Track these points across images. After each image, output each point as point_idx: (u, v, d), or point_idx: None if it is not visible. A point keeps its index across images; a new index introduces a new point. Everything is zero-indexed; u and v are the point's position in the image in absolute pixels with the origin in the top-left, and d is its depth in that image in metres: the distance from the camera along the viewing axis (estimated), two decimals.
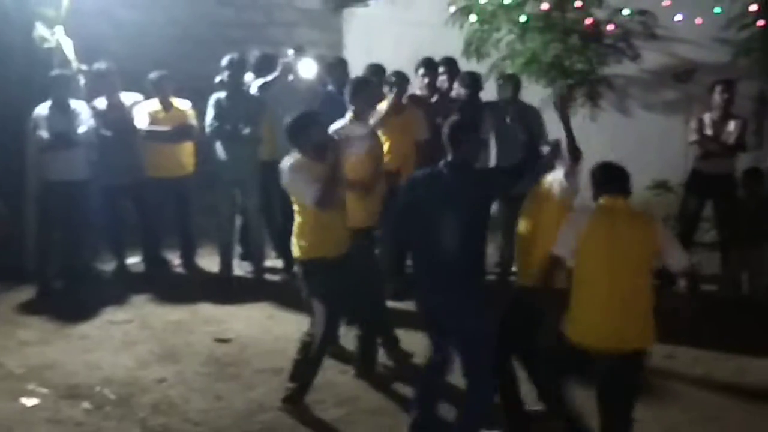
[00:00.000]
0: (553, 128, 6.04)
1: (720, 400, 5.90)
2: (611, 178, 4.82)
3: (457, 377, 5.22)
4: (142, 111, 8.10)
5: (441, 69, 7.99)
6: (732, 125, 7.89)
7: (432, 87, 7.96)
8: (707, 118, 7.98)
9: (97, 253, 8.48)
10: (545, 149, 5.33)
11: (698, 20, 8.94)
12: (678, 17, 8.93)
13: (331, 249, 5.43)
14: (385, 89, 7.43)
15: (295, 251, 5.57)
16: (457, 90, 7.89)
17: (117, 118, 8.04)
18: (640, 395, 4.83)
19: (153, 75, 8.17)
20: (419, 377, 5.44)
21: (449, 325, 5.02)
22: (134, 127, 8.05)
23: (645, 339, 4.69)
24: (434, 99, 7.92)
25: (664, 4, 8.88)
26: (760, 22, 8.85)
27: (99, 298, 7.65)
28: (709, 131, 7.94)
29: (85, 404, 5.73)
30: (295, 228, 5.55)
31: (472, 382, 5.03)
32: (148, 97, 8.21)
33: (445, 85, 7.99)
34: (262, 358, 6.47)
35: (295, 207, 5.51)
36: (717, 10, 8.83)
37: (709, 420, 5.61)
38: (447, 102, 7.82)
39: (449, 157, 4.99)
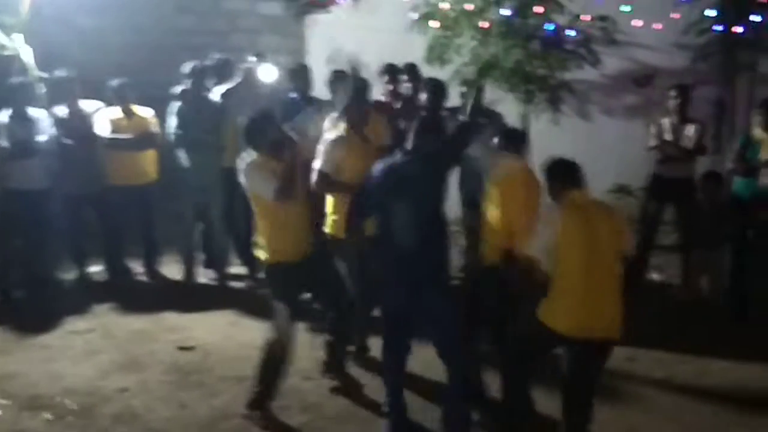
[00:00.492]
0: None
1: (681, 401, 5.97)
2: (570, 172, 4.92)
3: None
4: (104, 119, 8.03)
5: (404, 76, 8.00)
6: (691, 129, 7.95)
7: (395, 93, 7.97)
8: (666, 122, 8.06)
9: (59, 262, 8.37)
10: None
11: (657, 25, 9.05)
12: (638, 23, 9.03)
13: (292, 251, 5.43)
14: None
15: (259, 254, 5.58)
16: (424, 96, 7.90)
17: (78, 126, 7.96)
18: (602, 396, 4.88)
19: (114, 82, 8.11)
20: (386, 377, 5.46)
21: (421, 311, 5.08)
22: (95, 135, 7.98)
23: (614, 330, 4.79)
24: (398, 105, 7.93)
25: (623, 9, 8.97)
26: (718, 27, 8.98)
27: (60, 307, 7.57)
28: (668, 136, 8.02)
29: (47, 415, 5.67)
30: (256, 231, 5.56)
31: (450, 357, 5.10)
32: (109, 104, 8.14)
33: (409, 91, 8.00)
34: (226, 366, 6.44)
35: (255, 209, 5.49)
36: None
37: (669, 421, 5.68)
38: (411, 108, 7.83)
39: (409, 148, 5.13)
